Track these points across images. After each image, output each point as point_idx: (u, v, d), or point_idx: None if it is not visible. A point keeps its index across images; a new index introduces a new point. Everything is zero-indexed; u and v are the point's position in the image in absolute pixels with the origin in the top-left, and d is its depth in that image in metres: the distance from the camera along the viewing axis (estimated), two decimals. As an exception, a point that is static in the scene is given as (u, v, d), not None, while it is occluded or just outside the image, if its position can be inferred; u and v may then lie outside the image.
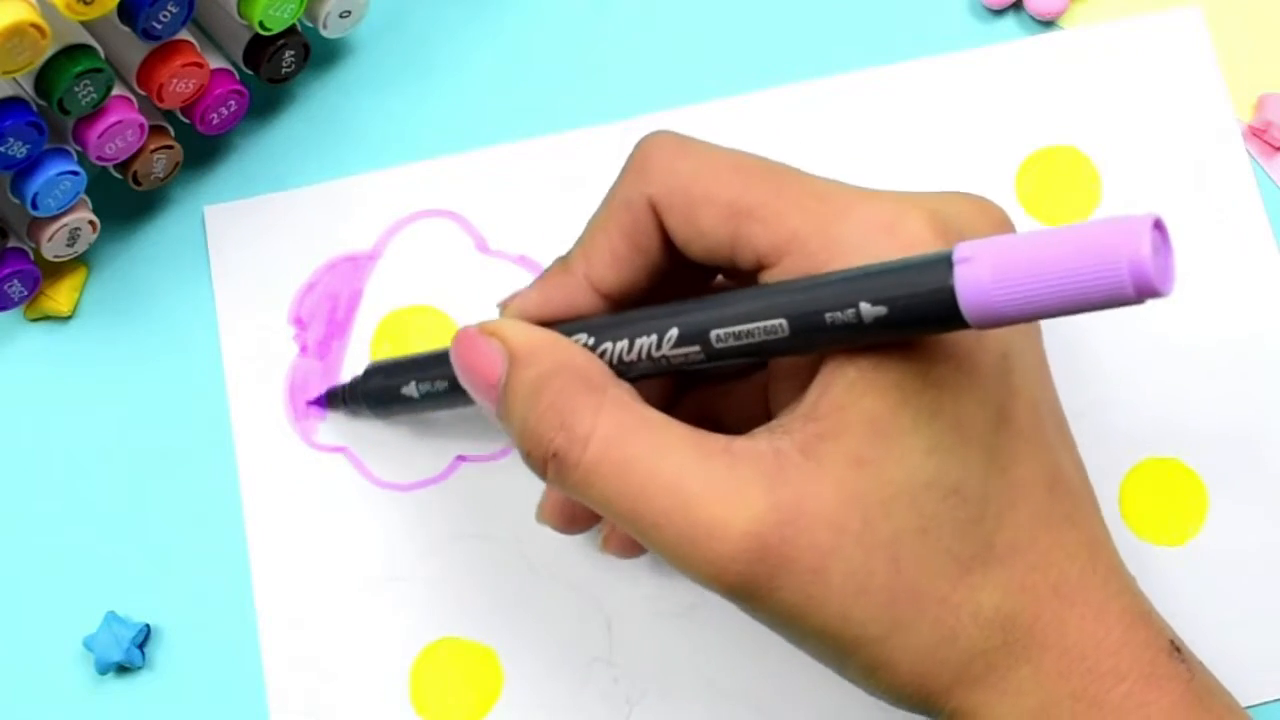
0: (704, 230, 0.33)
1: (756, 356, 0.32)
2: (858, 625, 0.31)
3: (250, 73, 0.43)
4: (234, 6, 0.41)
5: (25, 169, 0.39)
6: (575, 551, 0.42)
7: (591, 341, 0.34)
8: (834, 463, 0.31)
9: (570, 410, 0.32)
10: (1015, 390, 0.32)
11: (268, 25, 0.41)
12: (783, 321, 0.31)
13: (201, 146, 0.45)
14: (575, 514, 0.38)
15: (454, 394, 0.38)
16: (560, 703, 0.42)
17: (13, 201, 0.40)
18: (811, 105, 0.45)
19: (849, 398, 0.31)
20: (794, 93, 0.45)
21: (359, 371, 0.42)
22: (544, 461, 0.33)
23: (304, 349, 0.44)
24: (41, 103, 0.38)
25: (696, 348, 0.32)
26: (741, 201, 0.33)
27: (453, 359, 0.35)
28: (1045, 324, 0.34)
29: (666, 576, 0.42)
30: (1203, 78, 0.45)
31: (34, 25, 0.35)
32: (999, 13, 0.46)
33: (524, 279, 0.44)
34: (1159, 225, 0.27)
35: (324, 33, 0.43)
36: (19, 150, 0.38)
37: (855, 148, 0.45)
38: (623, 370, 0.34)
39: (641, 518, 0.32)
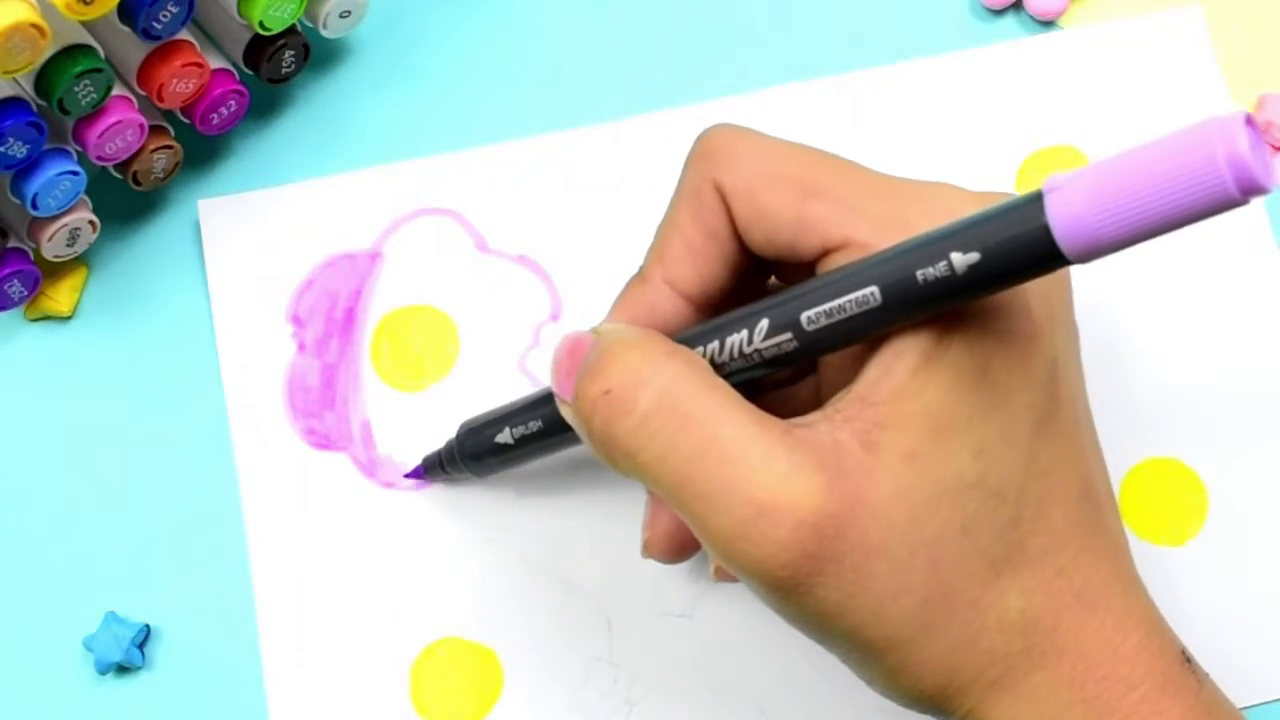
0: (769, 212, 0.33)
1: (850, 339, 0.31)
2: (891, 627, 0.31)
3: (250, 73, 0.43)
4: (234, 6, 0.41)
5: (25, 169, 0.39)
6: (575, 552, 0.43)
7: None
8: (889, 455, 0.30)
9: (639, 352, 0.31)
10: (1059, 396, 0.32)
11: (268, 25, 0.41)
12: (874, 290, 0.30)
13: (201, 146, 0.45)
14: (684, 544, 0.36)
15: (547, 435, 0.37)
16: (560, 703, 0.42)
17: (13, 201, 0.40)
18: (811, 105, 0.45)
19: (911, 387, 0.30)
20: (794, 92, 0.45)
21: (451, 436, 0.41)
22: (594, 403, 0.31)
23: (302, 347, 0.44)
24: (41, 103, 0.38)
25: (789, 335, 0.31)
26: (808, 181, 0.32)
27: (554, 358, 0.33)
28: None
29: (667, 577, 0.42)
30: (1203, 78, 0.45)
31: (34, 25, 0.35)
32: (999, 13, 0.46)
33: (523, 278, 0.44)
34: (1250, 121, 0.25)
35: (324, 33, 0.43)
36: (19, 150, 0.38)
37: (856, 148, 0.45)
38: (717, 374, 0.32)
39: (691, 484, 0.30)
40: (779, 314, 0.31)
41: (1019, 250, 0.28)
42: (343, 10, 0.43)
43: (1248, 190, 0.25)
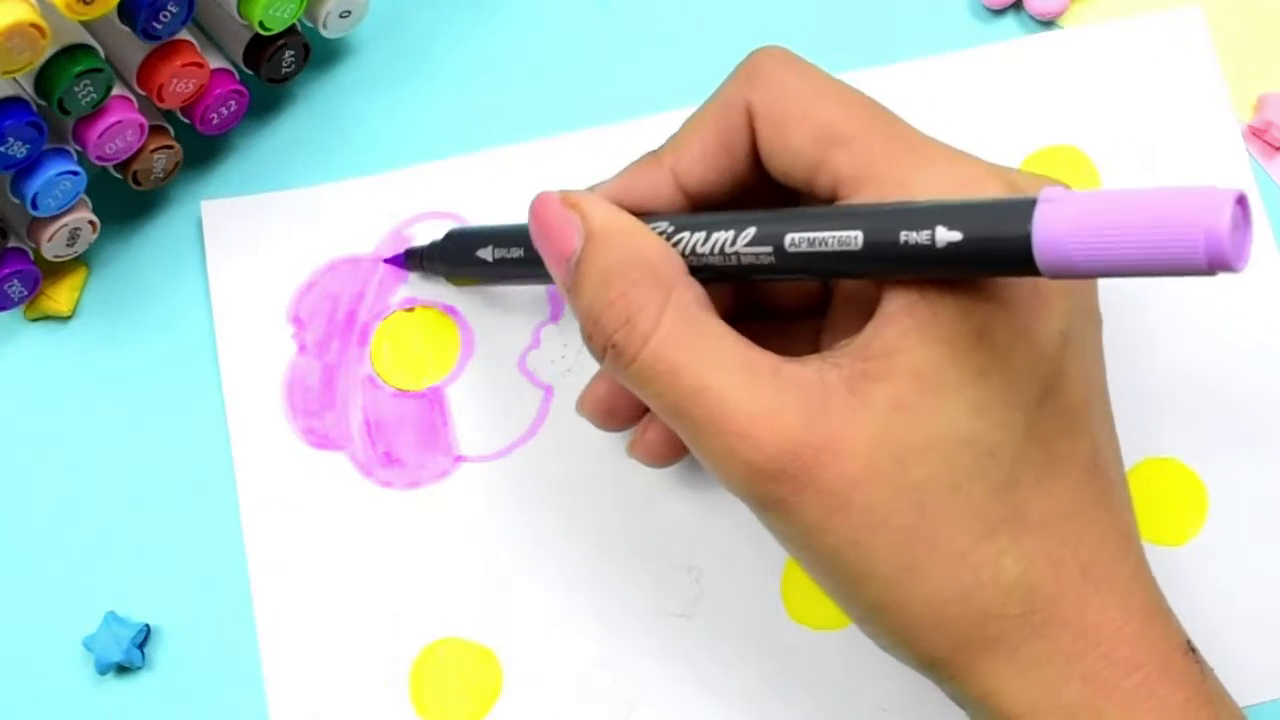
0: (792, 146, 0.34)
1: (822, 273, 0.33)
2: (868, 558, 0.32)
3: (250, 73, 0.43)
4: (234, 6, 0.41)
5: (25, 169, 0.39)
6: (575, 552, 0.43)
7: (670, 229, 0.35)
8: (876, 403, 0.31)
9: (636, 307, 0.33)
10: (1067, 369, 0.33)
11: (268, 25, 0.41)
12: (858, 234, 0.31)
13: (201, 146, 0.45)
14: (613, 411, 0.39)
15: (526, 265, 0.39)
16: (560, 703, 0.42)
17: (13, 201, 0.40)
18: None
19: (902, 344, 0.31)
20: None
21: (438, 237, 0.43)
22: (603, 350, 0.34)
23: (302, 348, 0.44)
24: (41, 103, 0.38)
25: (769, 249, 0.33)
26: (835, 127, 0.34)
27: (530, 222, 0.36)
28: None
29: (666, 577, 0.42)
30: (1203, 78, 0.45)
31: (34, 25, 0.35)
32: (999, 13, 0.46)
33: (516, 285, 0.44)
34: (1241, 201, 0.27)
35: (324, 33, 0.43)
36: (19, 150, 0.38)
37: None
38: (694, 264, 0.34)
39: (685, 418, 0.33)
40: (767, 227, 0.33)
41: (996, 246, 0.29)
42: (343, 10, 0.43)
43: (1216, 266, 0.26)
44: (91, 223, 0.42)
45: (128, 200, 0.45)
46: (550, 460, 0.43)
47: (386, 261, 0.44)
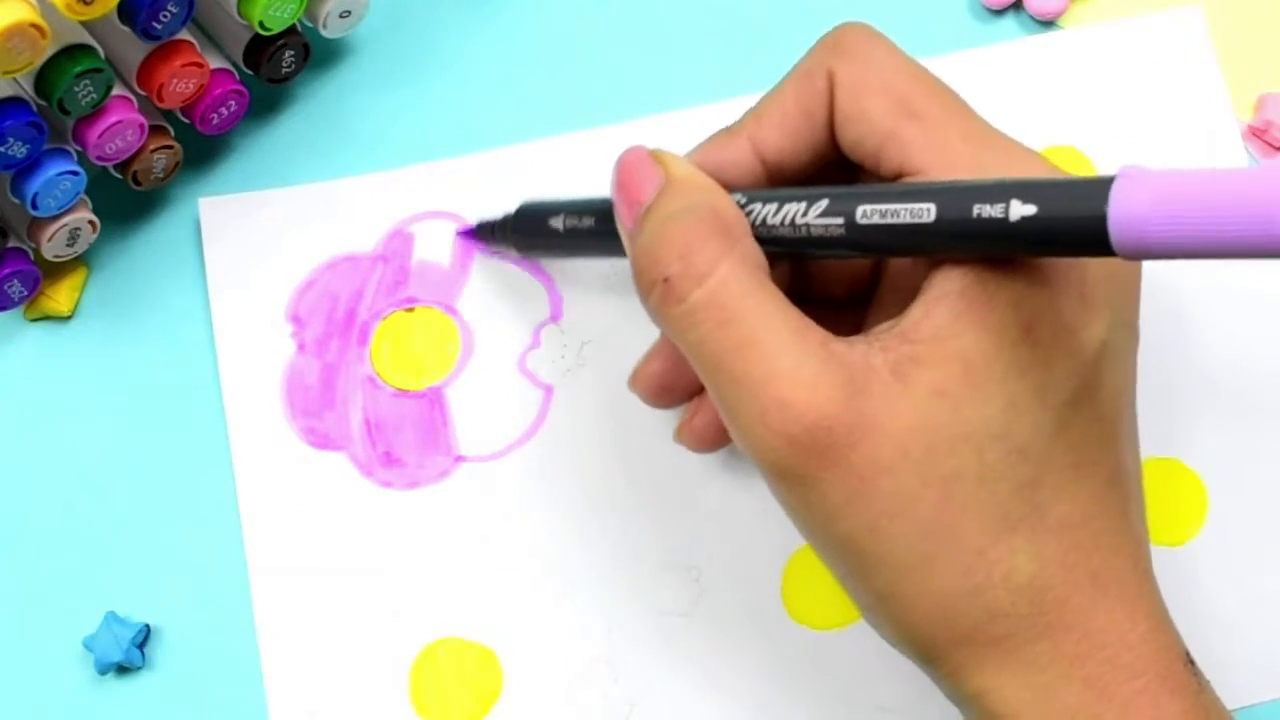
0: (868, 116, 0.34)
1: (892, 248, 0.33)
2: (886, 546, 0.31)
3: (250, 73, 0.43)
4: (234, 6, 0.41)
5: (25, 169, 0.39)
6: (575, 551, 0.43)
7: (743, 200, 0.35)
8: (918, 388, 0.31)
9: (697, 246, 0.33)
10: (1103, 379, 0.33)
11: (268, 25, 0.41)
12: (931, 206, 0.31)
13: (201, 146, 0.45)
14: (668, 387, 0.39)
15: (597, 236, 0.39)
16: (560, 703, 0.42)
17: (13, 201, 0.40)
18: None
19: (950, 330, 0.31)
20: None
21: (509, 210, 0.43)
22: (652, 285, 0.33)
23: (301, 347, 0.44)
24: (41, 103, 0.38)
25: (840, 220, 0.32)
26: (913, 101, 0.34)
27: (614, 171, 0.36)
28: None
29: (667, 577, 0.42)
30: (1203, 78, 0.45)
31: (34, 25, 0.35)
32: (999, 13, 0.46)
33: (524, 279, 0.44)
34: None
35: (324, 33, 0.43)
36: (19, 150, 0.38)
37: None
38: (762, 236, 0.34)
39: (725, 371, 0.32)
40: (839, 199, 0.33)
41: (1072, 223, 0.29)
42: (343, 10, 0.43)
43: None
44: (91, 223, 0.42)
45: (128, 200, 0.45)
46: (550, 460, 0.43)
47: (459, 233, 0.44)
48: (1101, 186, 0.28)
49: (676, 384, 0.38)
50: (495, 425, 0.43)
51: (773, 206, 0.34)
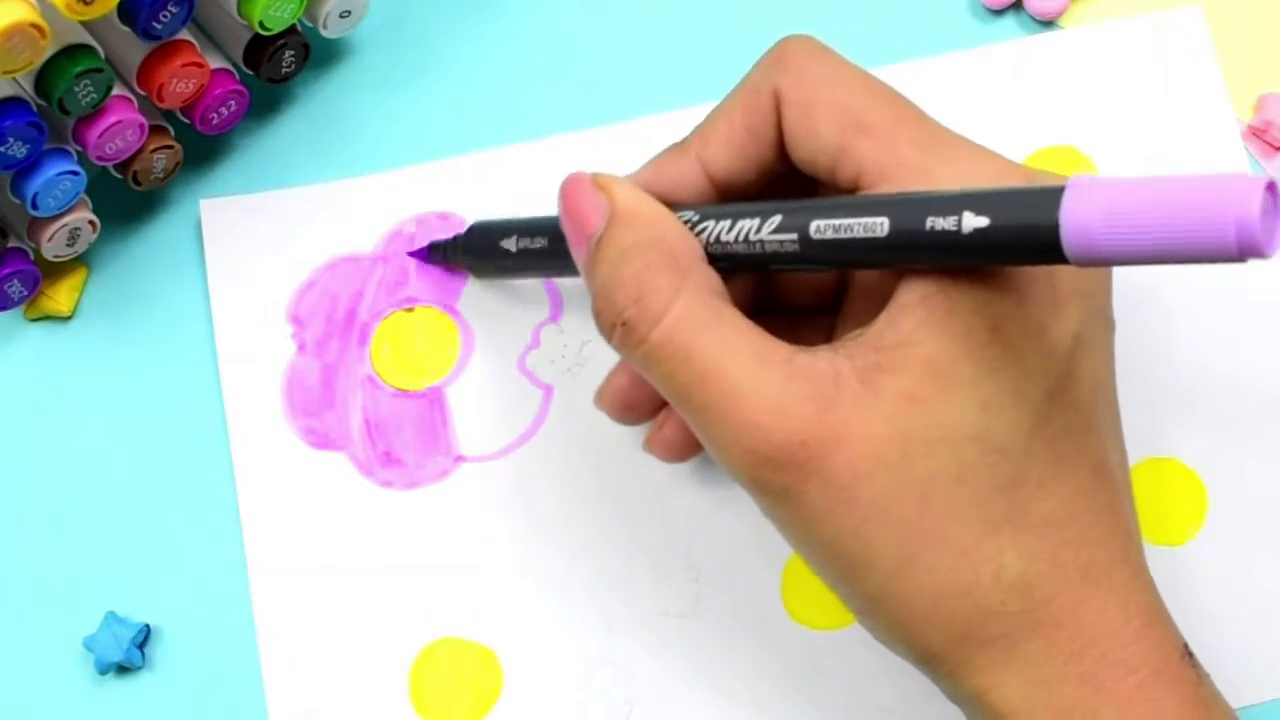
0: (818, 132, 0.34)
1: (846, 262, 0.33)
2: (871, 550, 0.32)
3: (250, 73, 0.43)
4: (234, 6, 0.41)
5: (25, 169, 0.39)
6: (575, 552, 0.43)
7: (695, 218, 0.35)
8: (887, 395, 0.31)
9: (650, 287, 0.33)
10: (1078, 371, 0.33)
11: (268, 25, 0.41)
12: (884, 220, 0.31)
13: (201, 146, 0.45)
14: (632, 404, 0.39)
15: (549, 256, 0.39)
16: (560, 703, 0.42)
17: (13, 201, 0.40)
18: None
19: (916, 336, 0.31)
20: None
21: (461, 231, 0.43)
22: (612, 327, 0.34)
23: (302, 347, 0.44)
24: (41, 103, 0.38)
25: (794, 236, 0.33)
26: (862, 115, 0.34)
27: (559, 200, 0.36)
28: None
29: (666, 577, 0.42)
30: (1203, 78, 0.45)
31: (34, 25, 0.35)
32: (999, 13, 0.46)
33: (525, 280, 0.44)
34: (1271, 188, 0.26)
35: (324, 33, 0.43)
36: (19, 150, 0.38)
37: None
38: (717, 253, 0.34)
39: (693, 402, 0.33)
40: (792, 215, 0.33)
41: (1024, 233, 0.29)
42: (343, 10, 0.43)
43: (1247, 252, 0.26)
44: (91, 223, 0.42)
45: (128, 200, 0.45)
46: (550, 460, 0.43)
47: (411, 254, 0.44)
48: (1052, 196, 0.28)
49: (641, 400, 0.39)
50: (495, 425, 0.43)
51: (726, 223, 0.34)
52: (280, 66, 0.43)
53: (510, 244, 0.40)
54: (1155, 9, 0.46)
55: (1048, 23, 0.46)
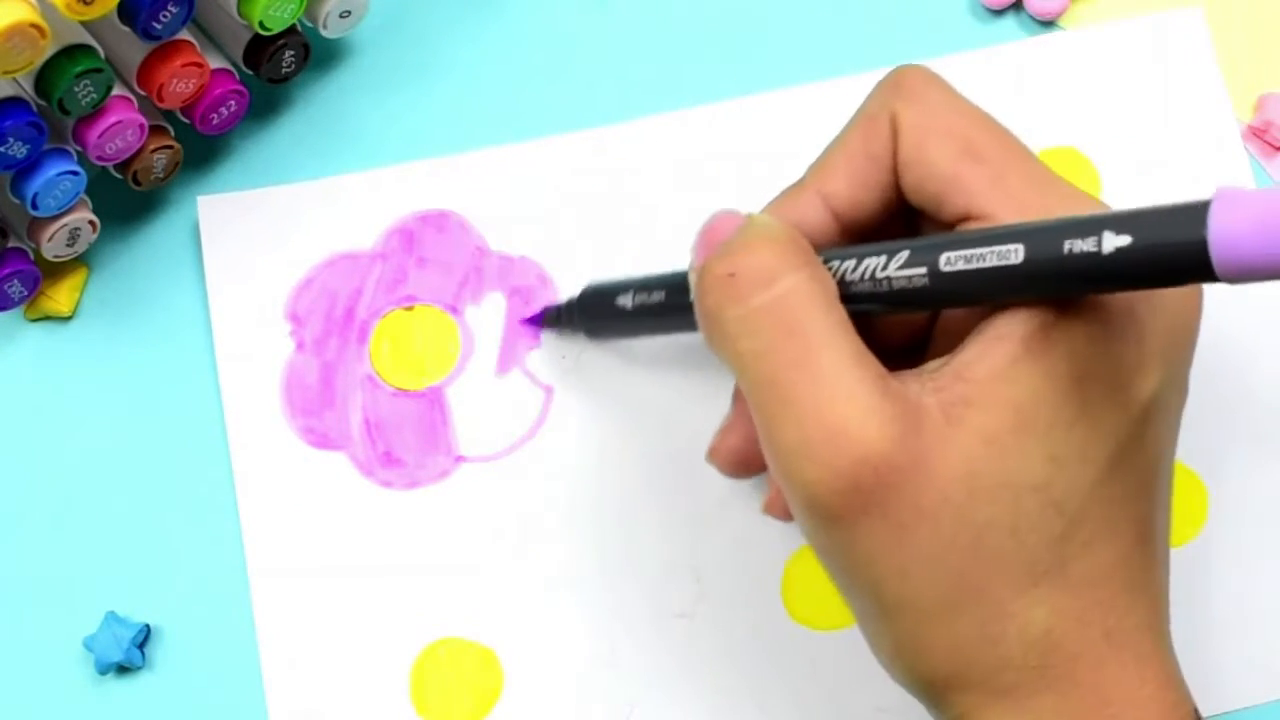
0: (931, 159, 0.33)
1: (978, 296, 0.31)
2: (913, 592, 0.31)
3: (250, 73, 0.43)
4: (234, 6, 0.41)
5: (25, 169, 0.39)
6: (576, 552, 0.43)
7: (821, 258, 0.33)
8: (968, 433, 0.30)
9: (771, 252, 0.31)
10: (1146, 438, 0.32)
11: (268, 25, 0.41)
12: (1019, 247, 0.30)
13: (201, 146, 0.45)
14: (747, 460, 0.37)
15: (667, 312, 0.38)
16: (560, 703, 0.42)
17: (13, 201, 0.40)
18: (813, 108, 0.45)
19: (1006, 374, 0.30)
20: (796, 95, 0.45)
21: (574, 294, 0.42)
22: (715, 279, 0.32)
23: (300, 345, 0.44)
24: (41, 103, 0.38)
25: (923, 270, 0.31)
26: (977, 145, 0.33)
27: (702, 227, 0.34)
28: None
29: (666, 577, 0.42)
30: (1203, 78, 0.45)
31: (34, 25, 0.35)
32: (999, 13, 0.46)
33: (525, 279, 0.44)
34: None
35: (324, 33, 0.43)
36: (19, 150, 0.38)
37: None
38: (842, 292, 0.32)
39: (777, 387, 0.31)
40: (921, 249, 0.31)
41: (1171, 250, 0.27)
42: (343, 10, 0.43)
43: None
44: (91, 223, 0.42)
45: (128, 200, 0.45)
46: (550, 460, 0.43)
47: (523, 322, 0.44)
48: (1198, 210, 0.27)
49: (757, 456, 0.36)
50: (495, 425, 0.43)
51: (851, 262, 0.33)
52: (280, 66, 0.43)
53: (626, 301, 0.39)
54: (1155, 9, 0.46)
55: (1048, 23, 0.46)
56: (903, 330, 0.37)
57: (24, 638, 0.43)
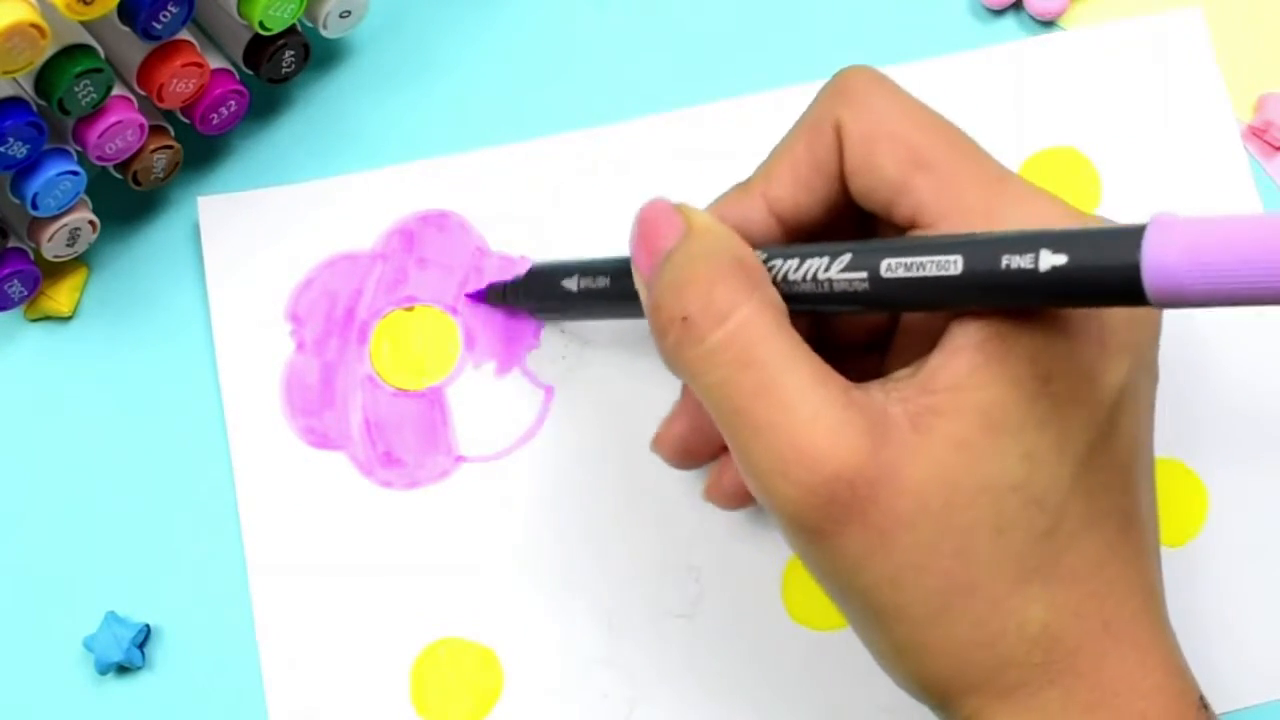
0: (878, 166, 0.33)
1: (917, 303, 0.32)
2: (906, 599, 0.31)
3: (250, 73, 0.43)
4: (234, 6, 0.41)
5: (25, 169, 0.39)
6: (575, 552, 0.43)
7: (763, 257, 0.34)
8: (938, 440, 0.31)
9: (719, 286, 0.32)
10: (1120, 426, 0.32)
11: (268, 25, 0.41)
12: (957, 259, 0.30)
13: (201, 146, 0.45)
14: (692, 449, 0.38)
15: (613, 296, 0.38)
16: (561, 703, 0.42)
17: (13, 201, 0.40)
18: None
19: (970, 381, 0.31)
20: (795, 95, 0.45)
21: (521, 272, 0.43)
22: (670, 324, 0.32)
23: (301, 345, 0.44)
24: (41, 103, 0.38)
25: (864, 274, 0.32)
26: (924, 151, 0.33)
27: (634, 224, 0.35)
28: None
29: (666, 577, 0.42)
30: (1203, 78, 0.45)
31: (34, 25, 0.35)
32: (999, 13, 0.46)
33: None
34: None
35: (324, 33, 0.43)
36: (19, 150, 0.38)
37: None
38: (783, 292, 0.33)
39: (744, 418, 0.31)
40: (862, 253, 0.32)
41: (1105, 273, 0.28)
42: (343, 10, 0.43)
43: None
44: (91, 223, 0.42)
45: (128, 200, 0.45)
46: (550, 460, 0.43)
47: (468, 296, 0.44)
48: (1134, 235, 0.27)
49: (700, 445, 0.38)
50: (495, 425, 0.43)
51: (794, 262, 0.33)
52: (280, 66, 0.43)
53: (571, 284, 0.40)
54: (1155, 9, 0.46)
55: (1048, 23, 0.46)
56: (863, 325, 0.38)
57: (24, 638, 0.43)
